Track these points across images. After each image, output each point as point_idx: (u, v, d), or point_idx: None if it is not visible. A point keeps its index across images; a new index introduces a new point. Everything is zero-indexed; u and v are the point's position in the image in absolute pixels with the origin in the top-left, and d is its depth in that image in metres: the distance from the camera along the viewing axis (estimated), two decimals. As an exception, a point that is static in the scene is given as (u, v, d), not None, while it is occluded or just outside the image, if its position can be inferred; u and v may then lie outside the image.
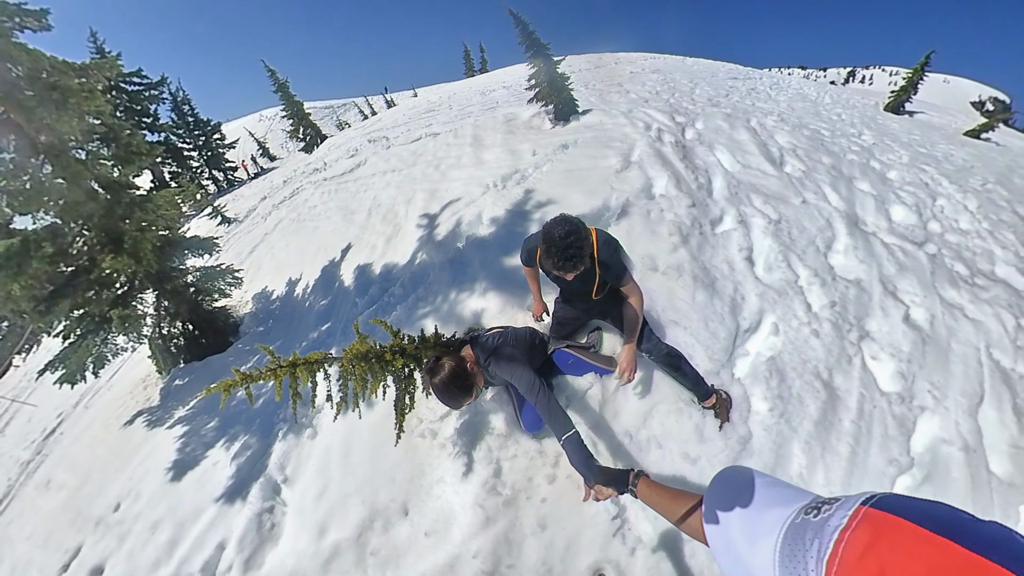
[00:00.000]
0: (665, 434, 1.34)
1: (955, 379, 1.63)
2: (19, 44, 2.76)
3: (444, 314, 2.19)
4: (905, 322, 1.84)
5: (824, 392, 1.49)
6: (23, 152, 2.77)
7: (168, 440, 2.38)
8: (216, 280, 3.69)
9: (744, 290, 1.82)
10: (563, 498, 1.29)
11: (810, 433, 1.37)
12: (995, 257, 2.57)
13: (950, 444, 1.41)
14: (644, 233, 2.09)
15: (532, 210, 2.68)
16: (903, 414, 1.48)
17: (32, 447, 3.69)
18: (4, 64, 2.64)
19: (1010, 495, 1.30)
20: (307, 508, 1.57)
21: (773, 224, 2.28)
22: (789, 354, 1.58)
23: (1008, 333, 1.88)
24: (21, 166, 2.69)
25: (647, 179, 2.69)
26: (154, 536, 1.74)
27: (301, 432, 1.93)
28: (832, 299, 1.86)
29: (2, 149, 2.75)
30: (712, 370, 1.49)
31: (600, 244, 1.17)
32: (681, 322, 1.61)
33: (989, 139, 7.29)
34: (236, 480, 1.83)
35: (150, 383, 3.58)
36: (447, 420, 1.60)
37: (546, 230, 1.06)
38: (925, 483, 1.33)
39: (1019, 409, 1.53)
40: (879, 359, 1.66)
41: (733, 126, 4.04)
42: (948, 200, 3.35)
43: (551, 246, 1.03)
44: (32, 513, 2.57)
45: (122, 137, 3.18)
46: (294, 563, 1.41)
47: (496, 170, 3.72)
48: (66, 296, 2.69)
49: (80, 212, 2.85)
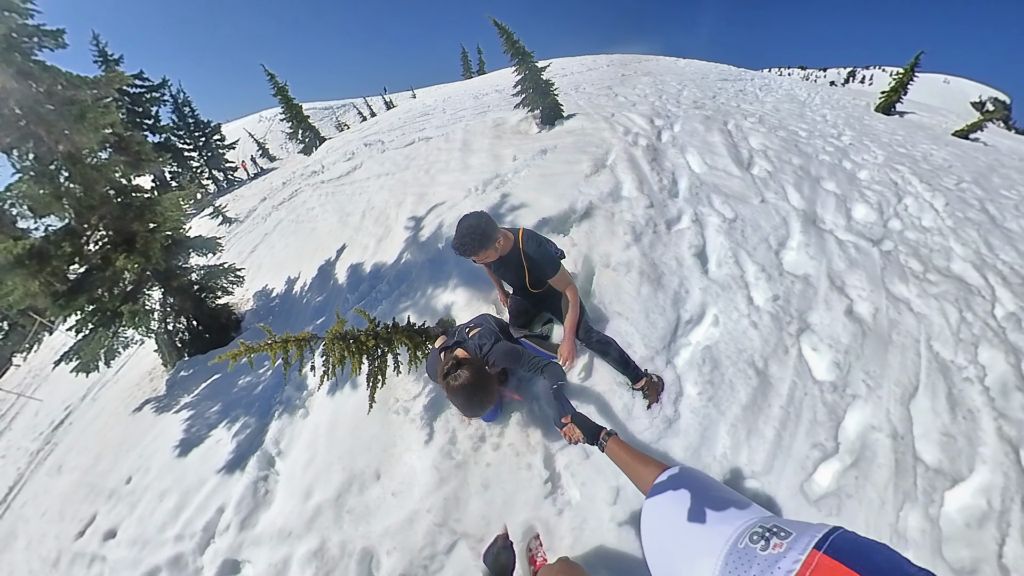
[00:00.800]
0: (600, 410, 1.52)
1: (891, 370, 1.69)
2: (38, 62, 3.02)
3: (422, 307, 2.40)
4: (847, 315, 1.95)
5: (756, 379, 1.62)
6: (43, 160, 3.03)
7: (175, 423, 2.60)
8: (219, 278, 3.93)
9: (689, 285, 1.98)
10: (504, 463, 1.48)
11: (737, 417, 1.50)
12: (953, 254, 2.63)
13: (879, 431, 1.46)
14: (605, 234, 2.27)
15: (505, 213, 2.88)
16: (834, 402, 1.57)
17: (40, 438, 3.92)
18: (26, 82, 2.90)
19: (936, 480, 1.37)
20: (296, 476, 1.78)
21: (728, 223, 2.43)
22: (726, 344, 1.73)
23: (951, 326, 1.92)
24: (42, 173, 2.94)
25: (616, 182, 2.86)
26: (162, 503, 1.96)
27: (295, 412, 2.14)
28: (776, 293, 2.01)
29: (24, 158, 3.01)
30: (647, 356, 1.65)
31: (524, 240, 1.36)
32: (624, 313, 1.79)
33: (978, 139, 7.32)
34: (236, 454, 2.04)
35: (156, 375, 3.82)
36: (418, 399, 1.81)
37: (458, 223, 1.27)
38: (851, 468, 1.38)
39: (953, 399, 1.59)
40: (818, 350, 1.77)
41: (709, 128, 4.19)
42: (915, 199, 3.45)
43: (455, 235, 1.26)
44: (45, 495, 2.79)
45: (132, 146, 3.43)
46: (283, 522, 1.62)
47: (479, 175, 3.91)
48: (83, 292, 2.93)
49: (94, 215, 3.10)
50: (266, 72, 13.65)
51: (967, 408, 1.57)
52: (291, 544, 1.54)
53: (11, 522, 2.76)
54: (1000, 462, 1.39)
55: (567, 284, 1.43)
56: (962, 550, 1.22)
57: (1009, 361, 1.74)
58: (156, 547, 1.76)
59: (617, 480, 1.35)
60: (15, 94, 2.87)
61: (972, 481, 1.37)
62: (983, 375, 1.69)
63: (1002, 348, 1.80)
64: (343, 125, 20.04)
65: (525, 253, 1.35)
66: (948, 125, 8.33)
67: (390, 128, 9.37)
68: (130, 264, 2.94)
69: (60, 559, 2.04)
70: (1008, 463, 1.39)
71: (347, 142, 10.24)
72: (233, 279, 4.05)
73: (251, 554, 1.59)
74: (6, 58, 2.70)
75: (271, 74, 13.57)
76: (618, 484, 1.34)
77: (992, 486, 1.34)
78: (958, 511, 1.30)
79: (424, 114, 9.46)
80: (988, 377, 1.69)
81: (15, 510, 2.92)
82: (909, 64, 8.46)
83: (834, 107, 7.59)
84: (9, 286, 2.73)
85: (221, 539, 1.67)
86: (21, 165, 2.98)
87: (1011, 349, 1.80)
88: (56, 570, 2.00)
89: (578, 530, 1.29)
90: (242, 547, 1.62)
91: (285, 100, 13.77)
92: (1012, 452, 1.42)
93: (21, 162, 2.98)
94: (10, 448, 4.25)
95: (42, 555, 2.16)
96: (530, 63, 4.69)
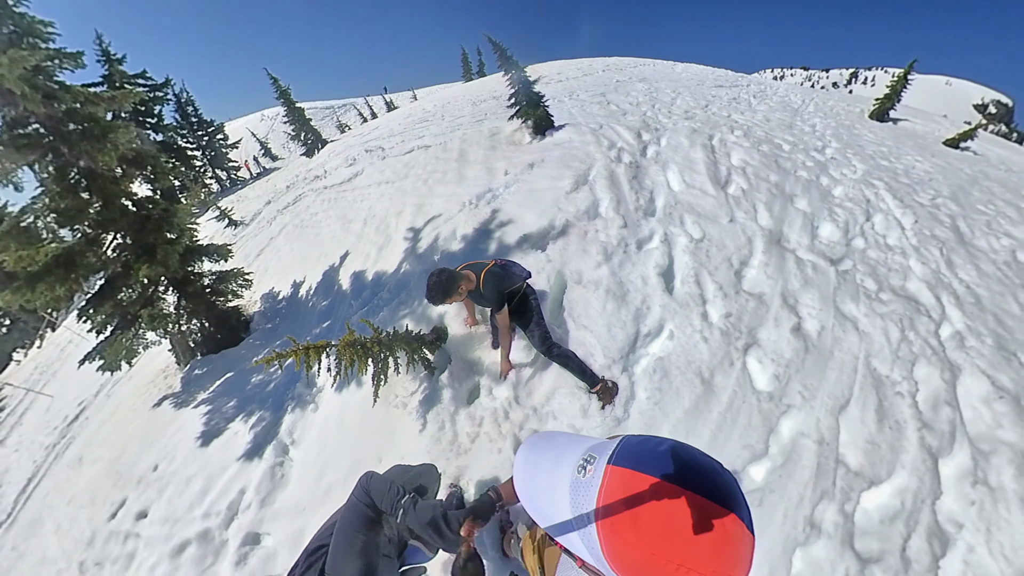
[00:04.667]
0: (560, 410, 1.78)
1: (827, 383, 1.83)
2: (60, 82, 3.26)
3: (419, 315, 2.65)
4: (793, 332, 2.13)
5: (701, 388, 1.85)
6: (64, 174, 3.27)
7: (195, 417, 2.88)
8: (229, 282, 4.18)
9: (651, 302, 2.21)
10: (481, 449, 1.78)
11: (679, 419, 1.73)
12: (911, 273, 2.73)
13: (807, 437, 1.62)
14: (577, 251, 2.50)
15: (494, 229, 3.10)
16: (769, 410, 1.75)
17: (56, 433, 4.13)
18: (50, 103, 3.13)
19: (854, 482, 1.52)
20: (309, 461, 2.07)
21: (695, 243, 2.65)
22: (677, 356, 1.96)
23: (890, 344, 2.04)
24: (65, 188, 3.19)
25: (594, 200, 3.07)
26: (188, 487, 2.24)
27: (306, 407, 2.42)
28: (729, 311, 2.22)
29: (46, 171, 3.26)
30: (605, 365, 1.90)
31: (484, 282, 1.65)
32: (589, 327, 2.03)
33: (968, 148, 7.41)
34: (253, 444, 2.33)
35: (170, 373, 4.09)
36: (414, 395, 2.09)
37: (427, 277, 1.61)
38: (778, 468, 1.54)
39: (882, 411, 1.73)
40: (762, 363, 1.96)
41: (693, 143, 4.37)
42: (884, 216, 3.61)
43: (426, 287, 1.61)
44: (69, 485, 3.03)
45: (147, 160, 3.67)
46: (298, 499, 1.91)
47: (473, 188, 4.12)
48: (107, 298, 3.20)
49: (114, 227, 3.35)
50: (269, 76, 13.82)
51: (894, 419, 1.73)
52: (306, 517, 1.81)
53: (35, 510, 3.00)
54: (917, 468, 1.56)
55: (501, 320, 1.77)
56: (872, 543, 1.40)
57: (944, 378, 1.90)
58: (185, 524, 2.03)
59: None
60: (40, 115, 3.11)
61: (890, 484, 1.53)
62: (915, 390, 1.85)
63: (939, 366, 1.96)
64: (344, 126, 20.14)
65: (483, 291, 1.66)
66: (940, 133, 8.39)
67: (390, 134, 9.55)
68: (151, 273, 3.20)
69: (95, 538, 2.31)
70: (925, 469, 1.56)
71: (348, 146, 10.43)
72: (242, 283, 4.30)
73: (270, 527, 1.86)
74: (34, 83, 2.93)
75: (274, 78, 13.74)
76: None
77: (907, 489, 1.51)
78: (875, 509, 1.48)
79: (423, 120, 9.62)
80: (920, 392, 1.84)
81: (38, 499, 3.15)
82: (903, 71, 8.53)
83: (826, 115, 7.68)
84: (38, 291, 2.99)
85: (244, 516, 1.95)
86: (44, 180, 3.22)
87: (948, 367, 1.96)
88: (91, 547, 2.27)
89: None
90: (263, 522, 1.89)
91: (288, 103, 13.94)
92: (931, 460, 1.59)
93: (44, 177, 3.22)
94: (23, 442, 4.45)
95: (75, 536, 2.42)
96: (523, 76, 4.87)
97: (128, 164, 3.59)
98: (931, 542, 1.38)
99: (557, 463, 0.42)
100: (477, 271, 1.67)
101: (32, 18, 3.00)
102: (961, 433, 1.67)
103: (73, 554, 2.29)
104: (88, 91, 3.38)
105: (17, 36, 2.96)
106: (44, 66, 3.09)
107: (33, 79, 2.92)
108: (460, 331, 2.28)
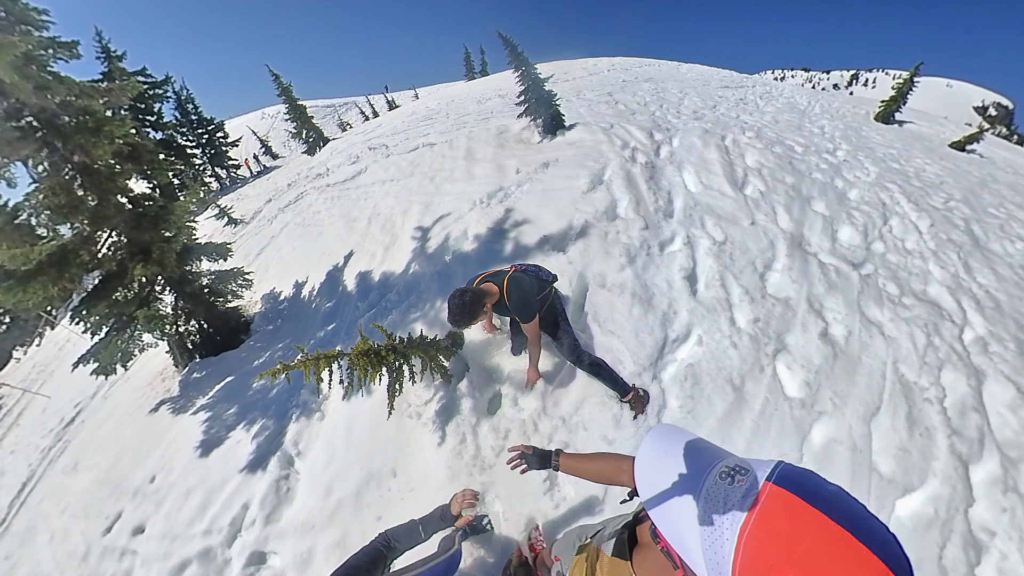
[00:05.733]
0: (591, 420, 1.69)
1: (857, 389, 1.81)
2: (54, 73, 3.11)
3: (431, 319, 2.54)
4: (821, 337, 2.09)
5: (733, 395, 1.78)
6: (58, 170, 3.13)
7: (193, 424, 2.74)
8: (229, 282, 4.05)
9: (677, 306, 2.13)
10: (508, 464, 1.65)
11: (713, 428, 1.66)
12: (930, 277, 2.73)
13: (840, 444, 1.60)
14: (599, 253, 2.41)
15: (509, 229, 3.00)
16: (802, 416, 1.72)
17: (52, 435, 4.00)
18: (43, 94, 2.99)
19: (888, 489, 1.51)
20: (316, 474, 1.94)
21: (718, 245, 2.57)
22: (707, 362, 1.89)
23: (917, 349, 2.03)
24: (59, 183, 3.05)
25: (612, 200, 2.98)
26: (187, 500, 2.11)
27: (312, 415, 2.29)
28: (757, 315, 2.15)
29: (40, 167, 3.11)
30: (635, 372, 1.81)
31: (508, 292, 1.52)
32: (616, 332, 1.94)
33: (974, 151, 7.42)
34: (256, 455, 2.19)
35: (168, 376, 3.95)
36: (429, 404, 1.98)
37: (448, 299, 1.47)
38: None
39: (912, 418, 1.73)
40: (792, 369, 1.91)
41: (706, 144, 4.30)
42: (901, 220, 3.58)
43: (447, 310, 1.47)
44: (64, 492, 2.90)
45: (144, 155, 3.53)
46: (306, 516, 1.78)
47: (484, 186, 4.02)
48: (102, 298, 3.06)
49: (109, 224, 3.21)
50: (271, 72, 13.64)
51: (924, 426, 1.72)
52: (314, 536, 1.69)
53: (29, 518, 2.87)
54: (949, 476, 1.55)
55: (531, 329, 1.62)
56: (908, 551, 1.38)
57: (970, 384, 1.89)
58: (185, 541, 1.91)
59: (606, 481, 1.53)
60: (32, 107, 2.96)
61: (922, 491, 1.52)
62: (943, 396, 1.85)
63: (964, 371, 1.95)
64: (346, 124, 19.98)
65: (508, 303, 1.53)
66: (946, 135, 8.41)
67: (393, 132, 9.42)
68: (147, 273, 3.06)
69: (89, 553, 2.18)
70: (956, 477, 1.54)
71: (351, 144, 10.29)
72: (242, 283, 4.17)
73: (277, 546, 1.74)
74: (25, 73, 2.79)
75: (275, 74, 13.56)
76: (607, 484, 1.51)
77: (940, 496, 1.50)
78: (908, 516, 1.46)
79: (427, 118, 9.50)
80: (948, 399, 1.84)
81: (32, 506, 3.03)
82: (909, 74, 8.52)
83: (833, 117, 7.67)
84: (30, 292, 2.85)
85: (248, 533, 1.82)
86: (38, 175, 3.08)
87: (974, 372, 1.95)
88: (86, 563, 2.14)
89: (572, 521, 1.46)
90: (268, 540, 1.77)
91: (289, 100, 13.77)
92: (961, 467, 1.58)
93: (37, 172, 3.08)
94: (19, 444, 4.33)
95: (68, 550, 2.30)
96: (534, 74, 4.77)
97: (124, 159, 3.45)
98: (966, 551, 1.37)
99: (693, 459, 0.42)
100: (498, 281, 1.54)
101: (25, 5, 2.85)
102: (990, 440, 1.67)
103: (67, 569, 2.17)
104: (84, 83, 3.24)
105: (8, 23, 2.82)
106: (37, 55, 2.95)
107: (25, 68, 2.78)
108: (477, 336, 2.18)
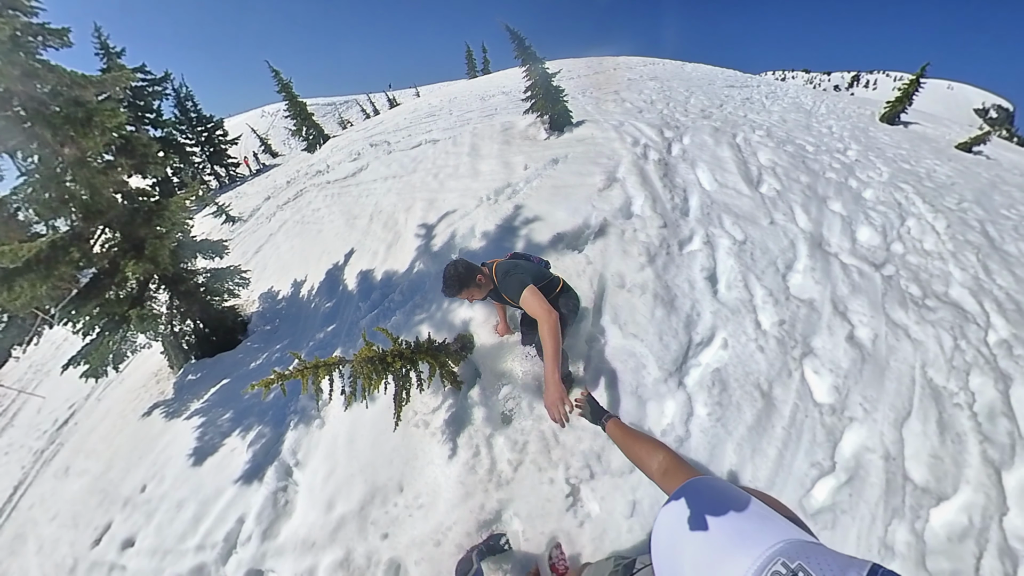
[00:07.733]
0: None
1: (887, 394, 1.75)
2: (43, 61, 2.97)
3: (438, 321, 2.42)
4: (848, 340, 2.01)
5: (761, 401, 1.69)
6: (48, 163, 2.99)
7: (187, 430, 2.61)
8: (225, 281, 3.92)
9: (700, 308, 2.03)
10: (527, 479, 1.54)
11: (743, 437, 1.57)
12: (951, 279, 2.68)
13: (872, 452, 1.55)
14: (617, 252, 2.30)
15: (520, 226, 2.89)
16: (832, 423, 1.65)
17: (45, 437, 3.89)
18: (31, 82, 2.85)
19: (922, 499, 1.46)
20: (317, 487, 1.81)
21: (738, 245, 2.47)
22: (734, 366, 1.79)
23: (945, 353, 1.98)
24: (48, 177, 2.91)
25: (627, 198, 2.88)
26: (180, 513, 1.98)
27: (311, 422, 2.17)
28: (782, 318, 2.06)
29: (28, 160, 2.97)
30: (660, 378, 1.71)
31: (498, 274, 1.41)
32: (639, 335, 1.83)
33: (981, 152, 7.39)
34: (252, 464, 2.07)
35: (162, 377, 3.82)
36: (438, 412, 1.86)
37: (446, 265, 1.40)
38: (845, 485, 1.47)
39: (943, 423, 1.68)
40: (820, 374, 1.83)
41: (718, 142, 4.21)
42: (918, 220, 3.51)
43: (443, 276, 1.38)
44: (55, 498, 2.78)
45: (138, 148, 3.39)
46: (305, 533, 1.65)
47: (490, 183, 3.91)
48: (92, 297, 2.92)
49: (101, 219, 3.08)
50: (271, 68, 13.46)
51: (955, 432, 1.66)
52: (315, 554, 1.58)
53: (19, 524, 2.76)
54: (982, 483, 1.49)
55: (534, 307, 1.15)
56: (943, 562, 1.31)
57: (998, 388, 1.82)
58: (177, 557, 1.79)
59: (634, 494, 1.41)
60: (20, 95, 2.82)
61: (956, 500, 1.46)
62: (972, 401, 1.78)
63: (992, 375, 1.88)
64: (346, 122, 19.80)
65: (497, 282, 1.39)
66: (952, 137, 8.38)
67: (395, 128, 9.28)
68: (139, 270, 2.93)
69: (77, 566, 2.06)
70: (990, 484, 1.48)
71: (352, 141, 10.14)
72: (239, 281, 4.04)
73: (275, 564, 1.62)
74: (11, 58, 2.65)
75: (276, 71, 13.38)
76: (635, 498, 1.41)
77: (974, 505, 1.43)
78: (942, 527, 1.40)
79: (430, 115, 9.37)
80: (977, 403, 1.77)
81: (23, 511, 2.92)
82: (915, 75, 8.49)
83: (839, 117, 7.62)
84: (17, 290, 2.72)
85: (243, 549, 1.70)
86: (26, 168, 2.94)
87: (1001, 376, 1.88)
88: (73, 577, 2.03)
89: (597, 540, 1.36)
90: (265, 557, 1.65)
91: (289, 97, 13.59)
92: (994, 474, 1.51)
93: (26, 165, 2.94)
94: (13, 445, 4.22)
95: (56, 561, 2.18)
96: (541, 70, 4.66)
97: (117, 152, 3.31)
98: (1003, 561, 1.31)
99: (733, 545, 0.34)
100: (490, 266, 1.46)
101: (11, -13, 2.71)
102: (1020, 445, 1.61)
103: (53, 583, 2.04)
104: (75, 73, 3.09)
105: (-6, 7, 2.67)
106: (25, 41, 2.81)
107: (11, 53, 2.64)
108: (488, 340, 2.07)
